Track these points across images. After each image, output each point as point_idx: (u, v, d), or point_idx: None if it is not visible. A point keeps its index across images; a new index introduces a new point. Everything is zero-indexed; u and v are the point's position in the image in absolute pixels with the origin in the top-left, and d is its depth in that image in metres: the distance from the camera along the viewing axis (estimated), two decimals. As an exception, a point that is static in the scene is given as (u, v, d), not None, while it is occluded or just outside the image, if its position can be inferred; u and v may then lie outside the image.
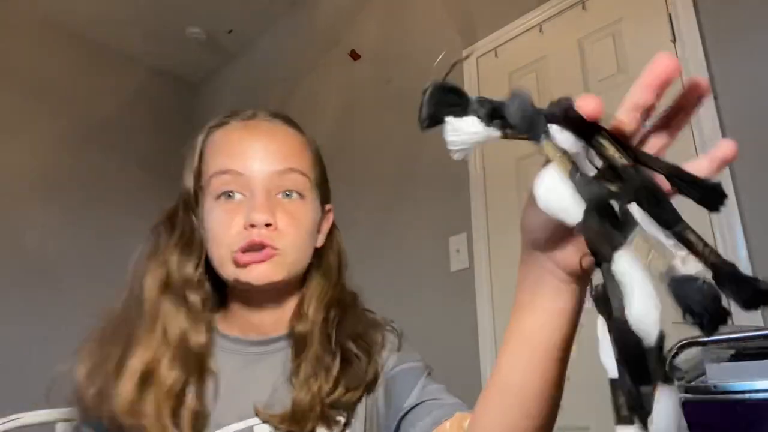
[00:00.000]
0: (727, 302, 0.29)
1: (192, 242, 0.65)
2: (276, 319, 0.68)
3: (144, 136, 3.55)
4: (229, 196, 0.63)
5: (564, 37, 1.81)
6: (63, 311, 2.96)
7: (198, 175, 0.67)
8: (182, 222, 0.67)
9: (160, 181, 3.55)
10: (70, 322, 3.26)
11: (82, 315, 0.71)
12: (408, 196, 2.14)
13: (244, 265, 0.61)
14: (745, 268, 1.27)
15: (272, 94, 3.17)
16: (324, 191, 0.71)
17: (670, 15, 1.55)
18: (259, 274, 0.61)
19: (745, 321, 1.24)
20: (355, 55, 2.62)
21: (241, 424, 0.61)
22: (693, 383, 0.89)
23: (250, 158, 0.63)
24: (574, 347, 0.46)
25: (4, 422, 0.79)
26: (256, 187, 0.62)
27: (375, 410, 0.66)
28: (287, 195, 0.64)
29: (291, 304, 0.68)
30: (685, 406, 0.86)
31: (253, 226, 0.61)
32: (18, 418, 0.81)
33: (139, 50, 3.56)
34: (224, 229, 0.62)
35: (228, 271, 0.63)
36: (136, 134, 3.51)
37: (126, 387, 0.57)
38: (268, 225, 0.61)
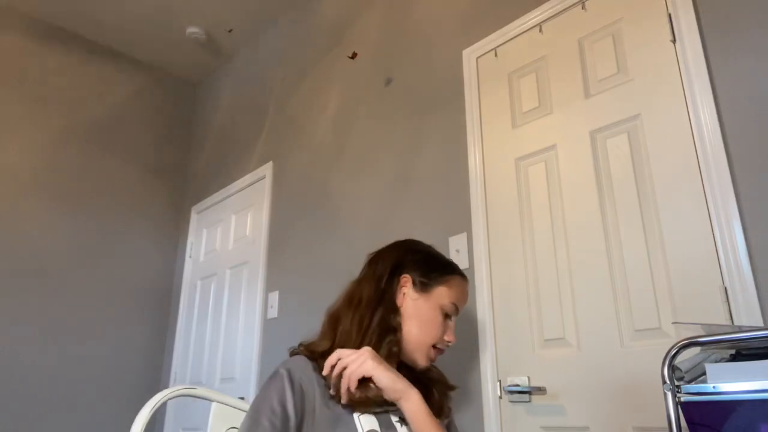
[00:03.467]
0: (727, 302, 0.29)
1: (395, 311, 1.16)
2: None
3: (144, 136, 3.55)
4: (447, 316, 1.18)
5: (564, 37, 1.81)
6: (62, 309, 2.96)
7: (439, 279, 1.19)
8: (390, 297, 1.17)
9: (159, 181, 3.56)
10: (69, 320, 3.29)
11: (82, 314, 0.71)
12: (408, 196, 2.14)
13: (433, 358, 1.16)
14: (745, 268, 1.27)
15: (272, 94, 3.17)
16: None
17: (670, 15, 1.55)
18: (426, 365, 1.17)
19: (745, 321, 1.24)
20: (353, 55, 2.63)
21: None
22: (693, 383, 0.89)
23: (461, 308, 1.22)
24: (573, 347, 0.46)
25: (180, 389, 1.24)
26: (454, 320, 1.21)
27: None
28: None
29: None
30: (685, 406, 0.86)
31: (449, 341, 1.18)
32: (193, 388, 1.28)
33: (139, 50, 3.57)
34: (438, 332, 1.15)
35: (420, 352, 1.14)
36: (136, 134, 3.51)
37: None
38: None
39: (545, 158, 1.75)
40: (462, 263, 1.86)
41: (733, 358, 0.89)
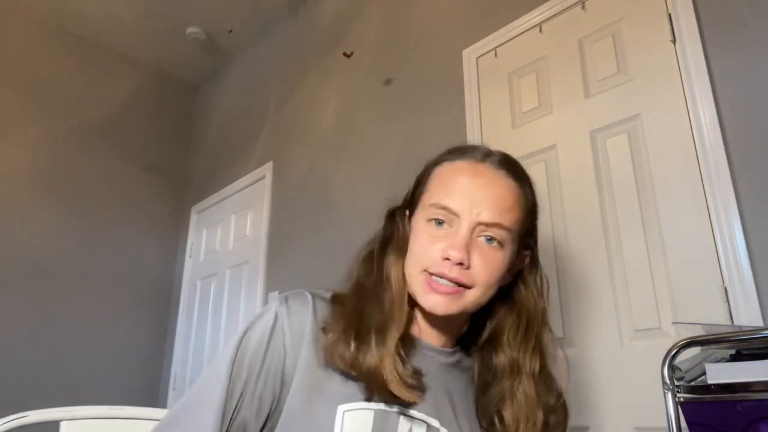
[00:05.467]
0: (727, 302, 0.29)
1: (404, 249, 0.75)
2: (449, 334, 0.78)
3: (144, 136, 3.55)
4: (440, 223, 0.72)
5: (564, 37, 1.81)
6: (62, 310, 2.96)
7: (419, 194, 0.78)
8: (399, 227, 0.78)
9: (159, 181, 3.55)
10: (69, 320, 3.28)
11: (81, 314, 0.72)
12: (408, 196, 2.14)
13: (430, 289, 0.70)
14: (745, 268, 1.27)
15: (272, 94, 3.17)
16: (526, 239, 0.77)
17: (669, 15, 1.55)
18: (436, 304, 0.69)
19: (745, 321, 1.24)
20: (348, 54, 2.63)
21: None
22: (693, 383, 0.89)
23: (468, 204, 0.70)
24: (573, 347, 0.47)
25: (10, 420, 0.81)
26: (462, 227, 0.70)
27: None
28: (488, 240, 0.71)
29: (455, 326, 0.77)
30: (685, 406, 0.86)
31: (447, 259, 0.68)
32: (25, 416, 0.82)
33: (139, 50, 3.56)
34: (424, 250, 0.71)
35: (414, 287, 0.72)
36: (136, 134, 3.51)
37: (386, 351, 0.67)
38: (460, 264, 0.68)
39: (545, 158, 1.75)
40: (462, 263, 1.86)
41: (733, 358, 0.89)
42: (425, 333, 0.76)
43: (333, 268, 2.37)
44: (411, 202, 0.80)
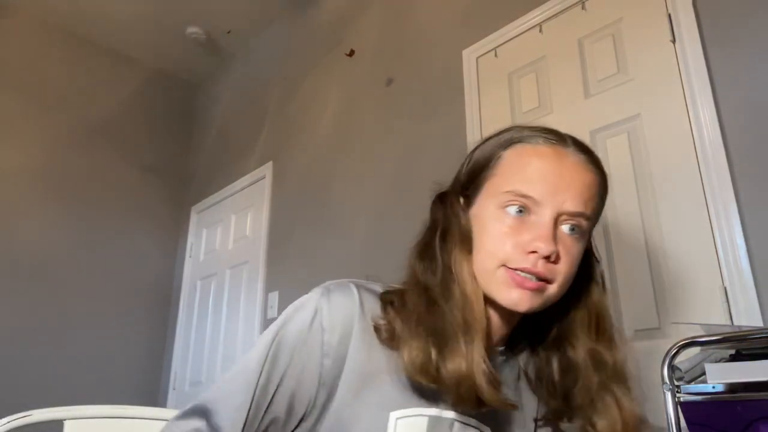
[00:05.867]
0: (727, 302, 0.29)
1: (469, 241, 0.67)
2: (503, 333, 0.71)
3: (144, 136, 3.55)
4: (520, 211, 0.64)
5: (564, 37, 1.81)
6: (62, 310, 2.96)
7: (483, 179, 0.69)
8: (460, 216, 0.69)
9: (159, 181, 3.55)
10: (69, 320, 3.27)
11: (81, 314, 0.72)
12: (408, 195, 2.14)
13: (514, 285, 0.62)
14: (745, 268, 1.27)
15: (272, 94, 3.17)
16: (594, 227, 0.72)
17: (669, 15, 1.55)
18: (521, 300, 0.63)
19: (745, 321, 1.24)
20: (350, 53, 2.63)
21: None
22: (693, 383, 0.89)
23: (552, 192, 0.63)
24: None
25: (14, 419, 0.80)
26: (546, 217, 0.63)
27: None
28: (572, 230, 0.65)
29: (512, 324, 0.71)
30: (685, 406, 0.86)
31: (533, 252, 0.62)
32: (29, 415, 0.81)
33: (139, 50, 3.56)
34: (501, 243, 0.64)
35: (491, 284, 0.64)
36: (136, 134, 3.51)
37: (476, 354, 0.60)
38: (546, 258, 0.62)
39: (545, 158, 1.75)
40: (462, 263, 1.86)
41: (733, 358, 0.89)
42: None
43: (333, 267, 2.37)
44: (469, 186, 0.71)
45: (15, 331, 2.79)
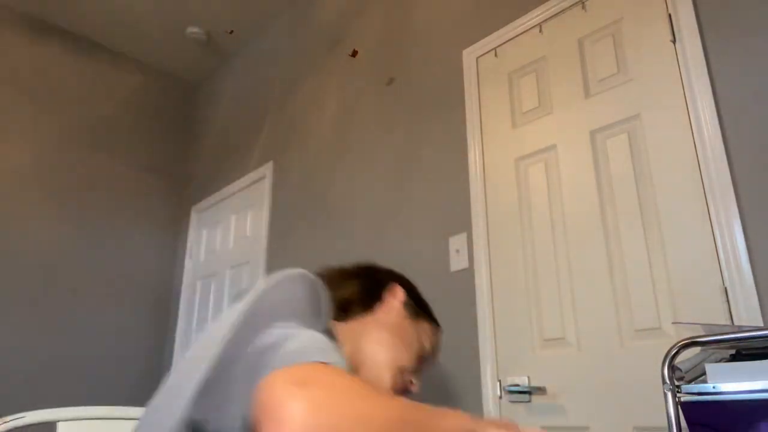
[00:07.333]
0: (727, 302, 0.29)
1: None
2: None
3: (143, 136, 3.55)
4: (421, 360, 0.98)
5: (564, 37, 1.81)
6: (62, 309, 2.96)
7: (417, 308, 1.01)
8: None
9: (159, 181, 3.56)
10: (69, 320, 3.28)
11: (81, 314, 0.72)
12: (408, 196, 2.14)
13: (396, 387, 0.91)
14: (745, 268, 1.27)
15: (272, 94, 3.17)
16: None
17: (670, 15, 1.55)
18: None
19: (745, 321, 1.24)
20: (354, 53, 2.63)
21: None
22: (693, 383, 0.89)
23: (435, 359, 1.05)
24: (573, 347, 0.46)
25: (8, 421, 0.80)
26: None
27: None
28: None
29: None
30: (685, 405, 0.86)
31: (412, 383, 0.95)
32: (22, 417, 0.82)
33: (139, 50, 3.57)
34: (408, 355, 0.94)
35: (385, 373, 0.90)
36: (136, 134, 3.51)
37: None
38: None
39: (545, 158, 1.75)
40: (462, 263, 1.86)
41: (733, 358, 0.89)
42: None
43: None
44: (415, 303, 1.02)
45: (14, 330, 2.79)
